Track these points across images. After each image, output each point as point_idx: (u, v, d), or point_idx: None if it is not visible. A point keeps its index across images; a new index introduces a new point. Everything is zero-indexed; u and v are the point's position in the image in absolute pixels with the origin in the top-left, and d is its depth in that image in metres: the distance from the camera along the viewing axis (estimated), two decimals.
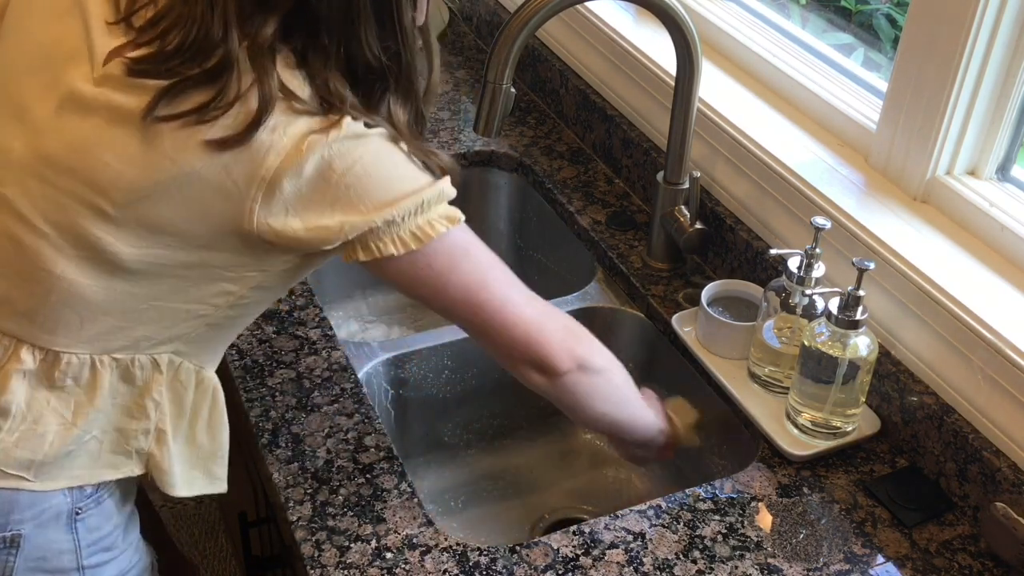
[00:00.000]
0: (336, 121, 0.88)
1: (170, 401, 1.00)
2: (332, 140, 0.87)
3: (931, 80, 1.14)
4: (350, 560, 1.00)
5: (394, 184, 0.90)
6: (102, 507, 1.02)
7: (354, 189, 0.88)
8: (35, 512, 0.97)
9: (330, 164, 0.87)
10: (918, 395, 1.11)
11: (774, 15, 1.49)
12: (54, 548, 1.00)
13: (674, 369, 1.34)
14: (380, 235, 0.90)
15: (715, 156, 1.39)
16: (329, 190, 0.88)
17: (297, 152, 0.86)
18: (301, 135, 0.86)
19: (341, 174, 0.87)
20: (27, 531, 0.98)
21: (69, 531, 1.00)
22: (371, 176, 0.89)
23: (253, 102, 0.85)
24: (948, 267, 1.11)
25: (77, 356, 0.94)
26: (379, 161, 0.90)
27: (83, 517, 1.01)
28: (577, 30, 1.67)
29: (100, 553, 1.04)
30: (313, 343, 1.26)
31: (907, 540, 1.05)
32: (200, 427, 1.04)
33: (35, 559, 0.99)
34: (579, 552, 1.02)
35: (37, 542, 0.99)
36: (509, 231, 1.72)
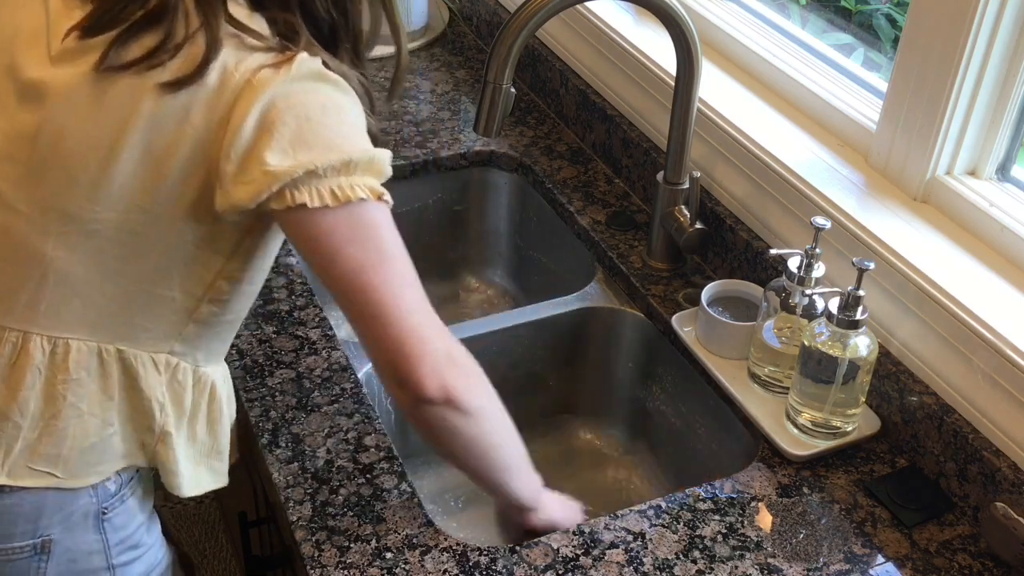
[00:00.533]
0: (290, 56, 0.86)
1: (171, 403, 1.01)
2: (284, 78, 0.85)
3: (931, 80, 1.14)
4: (350, 560, 1.00)
5: (330, 137, 0.87)
6: (126, 505, 1.03)
7: (290, 131, 0.85)
8: (64, 515, 0.98)
9: (274, 103, 0.85)
10: (918, 395, 1.11)
11: (774, 15, 1.49)
12: (83, 549, 1.00)
13: (674, 369, 1.34)
14: (298, 184, 0.85)
15: (715, 156, 1.39)
16: (268, 131, 0.85)
17: (249, 88, 0.85)
18: (253, 69, 0.85)
19: (282, 112, 0.85)
20: (56, 535, 0.98)
21: (97, 531, 1.01)
22: (311, 121, 0.86)
23: (202, 41, 0.86)
24: (948, 267, 1.11)
25: (85, 344, 0.95)
26: (323, 110, 0.87)
27: (109, 516, 1.01)
28: (577, 30, 1.67)
29: (128, 551, 1.04)
30: (313, 343, 1.26)
31: (907, 540, 1.05)
32: (200, 424, 1.04)
33: (65, 562, 1.00)
34: (579, 552, 1.02)
35: (67, 545, 0.99)
36: (509, 231, 1.72)
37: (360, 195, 0.87)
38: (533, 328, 1.39)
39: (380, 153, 0.89)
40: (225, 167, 0.87)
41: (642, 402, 1.42)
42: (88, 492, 0.99)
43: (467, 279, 1.75)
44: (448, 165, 1.64)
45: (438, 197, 1.66)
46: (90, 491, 0.99)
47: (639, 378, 1.42)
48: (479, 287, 1.75)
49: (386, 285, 0.88)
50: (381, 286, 0.88)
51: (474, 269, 1.76)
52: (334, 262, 0.88)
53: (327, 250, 0.88)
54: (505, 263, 1.74)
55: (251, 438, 1.14)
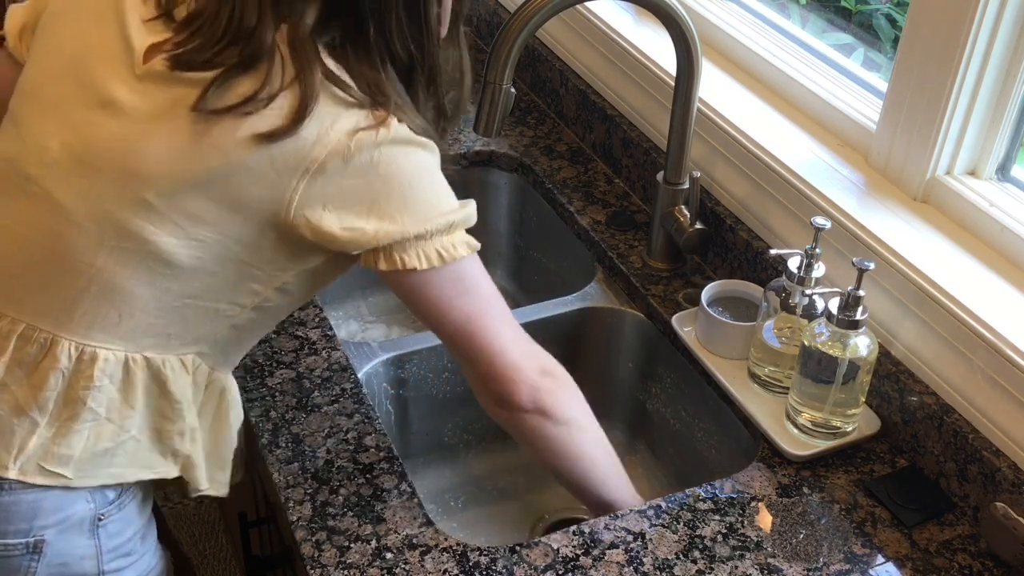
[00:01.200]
0: (384, 119, 0.89)
1: (193, 400, 1.01)
2: (381, 142, 0.89)
3: (931, 80, 1.14)
4: (350, 560, 1.00)
5: (431, 200, 0.93)
6: (124, 513, 1.03)
7: (395, 198, 0.90)
8: (59, 518, 0.98)
9: (376, 168, 0.89)
10: (918, 395, 1.11)
11: (774, 15, 1.49)
12: (76, 554, 1.00)
13: (674, 369, 1.34)
14: (407, 247, 0.92)
15: (715, 156, 1.39)
16: (369, 193, 0.89)
17: (345, 148, 0.88)
18: (350, 131, 0.88)
19: (385, 180, 0.89)
20: (50, 537, 0.98)
21: (91, 537, 1.01)
22: (413, 188, 0.91)
23: (298, 92, 0.87)
24: (948, 267, 1.11)
25: (113, 353, 0.95)
26: (421, 174, 0.92)
27: (105, 523, 1.01)
28: (577, 30, 1.67)
29: (120, 559, 1.04)
30: (313, 343, 1.26)
31: (907, 540, 1.05)
32: (205, 428, 1.04)
33: (56, 565, 1.00)
34: (579, 552, 1.02)
35: (59, 548, 0.99)
36: (509, 231, 1.72)
37: (463, 253, 0.95)
38: (533, 328, 1.38)
39: (471, 208, 0.97)
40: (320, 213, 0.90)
41: (642, 402, 1.42)
42: (86, 498, 0.99)
43: None
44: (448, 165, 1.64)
45: None
46: (88, 497, 0.99)
47: (639, 378, 1.42)
48: None
49: (490, 327, 0.98)
50: (486, 329, 0.98)
51: None
52: (445, 316, 0.97)
53: (437, 305, 0.96)
54: (505, 263, 1.74)
55: (251, 438, 1.14)
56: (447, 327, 0.98)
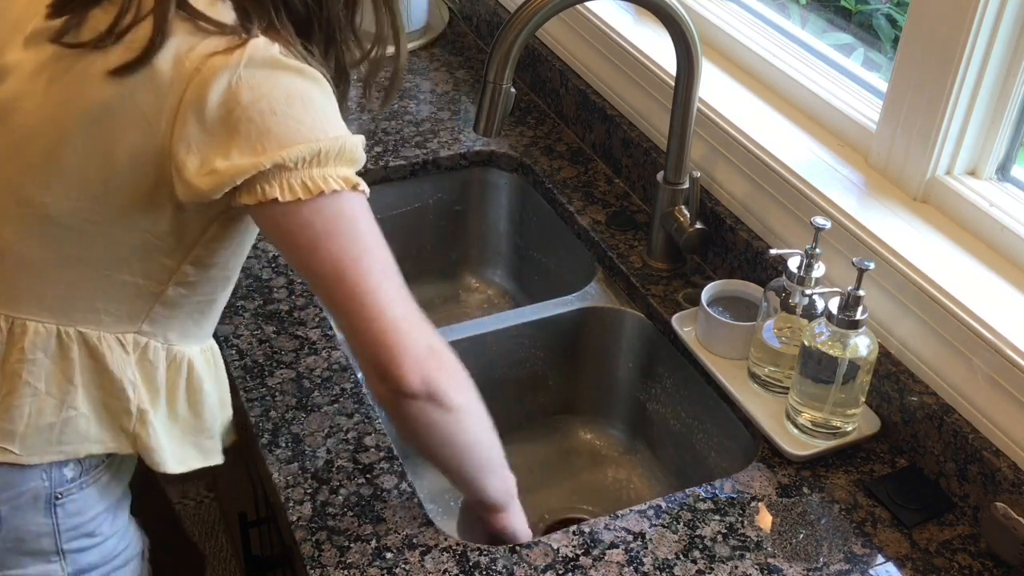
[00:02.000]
0: (243, 41, 0.84)
1: (143, 380, 0.99)
2: (237, 64, 0.83)
3: (931, 80, 1.14)
4: (350, 560, 1.00)
5: (298, 127, 0.84)
6: (85, 492, 1.02)
7: (255, 126, 0.83)
8: (11, 495, 0.98)
9: (236, 95, 0.83)
10: (918, 395, 1.11)
11: (774, 15, 1.49)
12: (32, 531, 1.00)
13: (674, 369, 1.34)
14: (268, 177, 0.84)
15: (715, 156, 1.39)
16: (230, 124, 0.83)
17: (200, 76, 0.83)
18: (204, 55, 0.83)
19: (245, 107, 0.83)
20: (3, 512, 0.98)
21: (48, 515, 1.00)
22: (276, 115, 0.84)
23: (149, 25, 0.84)
24: (948, 267, 1.11)
25: (43, 325, 0.94)
26: (291, 100, 0.84)
27: (63, 502, 1.00)
28: (577, 30, 1.67)
29: (82, 539, 1.03)
30: (313, 343, 1.26)
31: (907, 540, 1.05)
32: (180, 402, 1.04)
33: (13, 540, 1.00)
34: (579, 552, 1.02)
35: (14, 523, 0.99)
36: (509, 231, 1.72)
37: (333, 187, 0.85)
38: (533, 328, 1.39)
39: (351, 140, 0.87)
40: (184, 158, 0.85)
41: (642, 402, 1.42)
42: (40, 475, 0.98)
43: (467, 279, 1.75)
44: (448, 165, 1.64)
45: (438, 197, 1.66)
46: (42, 474, 0.98)
47: (639, 378, 1.42)
48: (479, 287, 1.75)
49: (366, 278, 0.87)
50: (361, 279, 0.86)
51: (474, 269, 1.75)
52: (312, 256, 0.87)
53: (303, 244, 0.87)
54: (505, 263, 1.74)
55: (251, 438, 1.14)
56: (316, 274, 0.87)
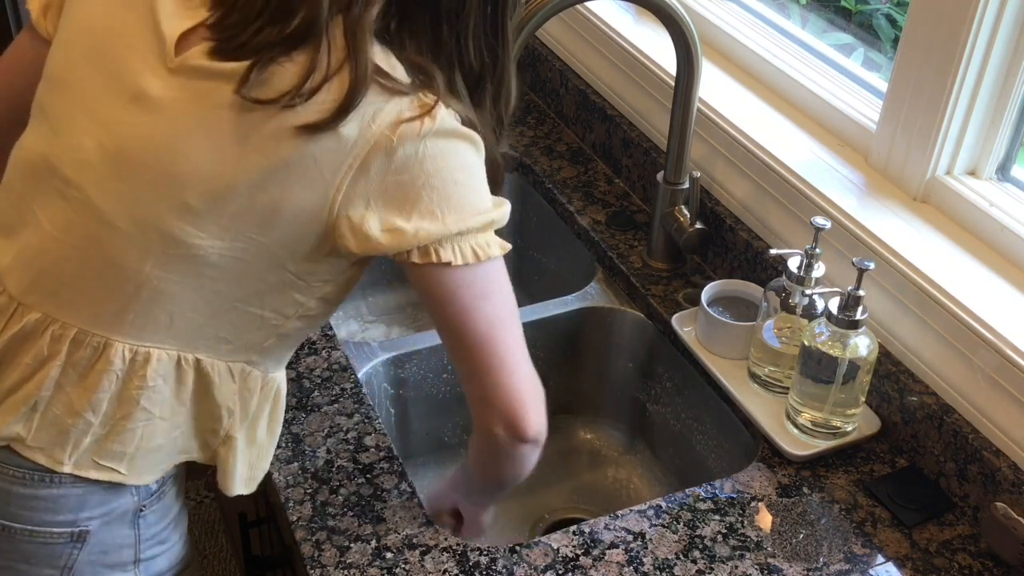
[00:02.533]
0: (429, 109, 0.85)
1: (240, 408, 1.00)
2: (426, 133, 0.84)
3: (931, 80, 1.14)
4: (350, 560, 1.00)
5: (473, 197, 0.89)
6: (163, 502, 1.03)
7: (439, 194, 0.86)
8: (104, 511, 0.99)
9: (421, 163, 0.85)
10: (918, 395, 1.11)
11: (774, 15, 1.49)
12: (116, 543, 1.01)
13: (674, 369, 1.34)
14: (443, 242, 0.88)
15: (715, 156, 1.39)
16: (413, 189, 0.85)
17: (388, 141, 0.84)
18: (392, 122, 0.83)
19: (429, 175, 0.85)
20: (94, 527, 0.99)
21: (133, 527, 1.01)
22: (457, 184, 0.87)
23: (346, 82, 0.82)
24: (948, 267, 1.11)
25: (167, 352, 0.94)
26: (465, 170, 0.88)
27: (145, 514, 1.02)
28: (577, 30, 1.67)
29: (156, 546, 1.05)
30: (313, 343, 1.26)
31: (907, 540, 1.05)
32: (261, 427, 1.04)
33: (97, 553, 1.01)
34: (579, 552, 1.02)
35: (102, 537, 1.00)
36: (509, 231, 1.70)
37: (496, 253, 0.93)
38: (533, 328, 1.38)
39: (506, 208, 0.95)
40: (363, 213, 0.86)
41: (642, 402, 1.42)
42: (131, 491, 0.99)
43: None
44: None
45: None
46: (133, 490, 0.99)
47: (639, 378, 1.42)
48: None
49: (511, 338, 0.94)
50: (507, 339, 0.94)
51: None
52: (468, 316, 0.92)
53: (462, 304, 0.92)
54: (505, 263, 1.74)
55: None
56: (468, 331, 0.93)
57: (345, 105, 0.82)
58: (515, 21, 0.93)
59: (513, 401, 0.94)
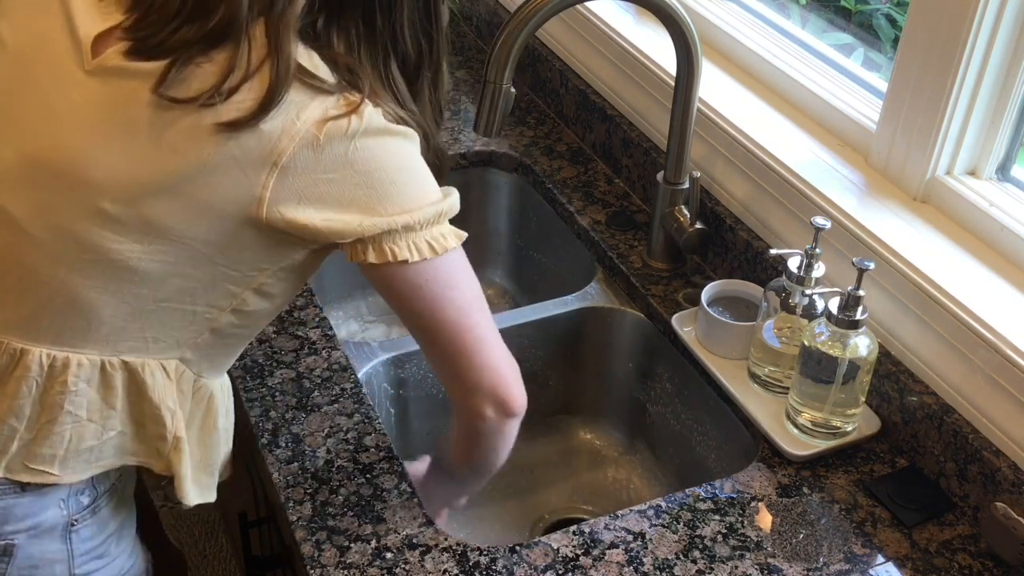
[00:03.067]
0: (356, 107, 0.84)
1: (180, 407, 0.99)
2: (354, 133, 0.83)
3: (931, 80, 1.14)
4: (350, 560, 1.00)
5: (415, 191, 0.88)
6: (97, 516, 1.02)
7: (377, 192, 0.86)
8: (29, 524, 0.97)
9: (352, 164, 0.84)
10: (918, 395, 1.11)
11: (774, 15, 1.49)
12: (47, 558, 0.99)
13: (674, 369, 1.34)
14: (396, 239, 0.88)
15: (715, 156, 1.39)
16: (348, 188, 0.85)
17: (313, 139, 0.82)
18: (318, 120, 0.82)
19: (364, 175, 0.85)
20: (20, 541, 0.97)
21: (64, 542, 1.00)
22: (395, 182, 0.87)
23: (267, 78, 0.81)
24: (948, 267, 1.11)
25: (87, 358, 0.92)
26: (404, 167, 0.88)
27: (77, 528, 1.00)
28: (577, 30, 1.67)
29: (93, 561, 1.03)
30: (313, 343, 1.26)
31: (907, 540, 1.05)
32: (193, 435, 1.02)
33: (27, 567, 0.99)
34: (579, 552, 1.02)
35: (30, 551, 0.98)
36: (509, 231, 1.72)
37: (453, 244, 0.92)
38: (533, 328, 1.39)
39: (455, 196, 0.93)
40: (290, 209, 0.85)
41: (642, 402, 1.42)
42: (58, 504, 0.98)
43: None
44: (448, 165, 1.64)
45: None
46: (60, 503, 0.98)
47: (639, 378, 1.42)
48: None
49: (483, 321, 0.96)
50: (480, 324, 0.95)
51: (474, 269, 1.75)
52: (439, 308, 0.93)
53: (430, 298, 0.92)
54: (505, 263, 1.74)
55: (251, 438, 1.14)
56: (439, 324, 0.94)
57: (266, 103, 0.81)
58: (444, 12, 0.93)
59: (498, 379, 0.97)
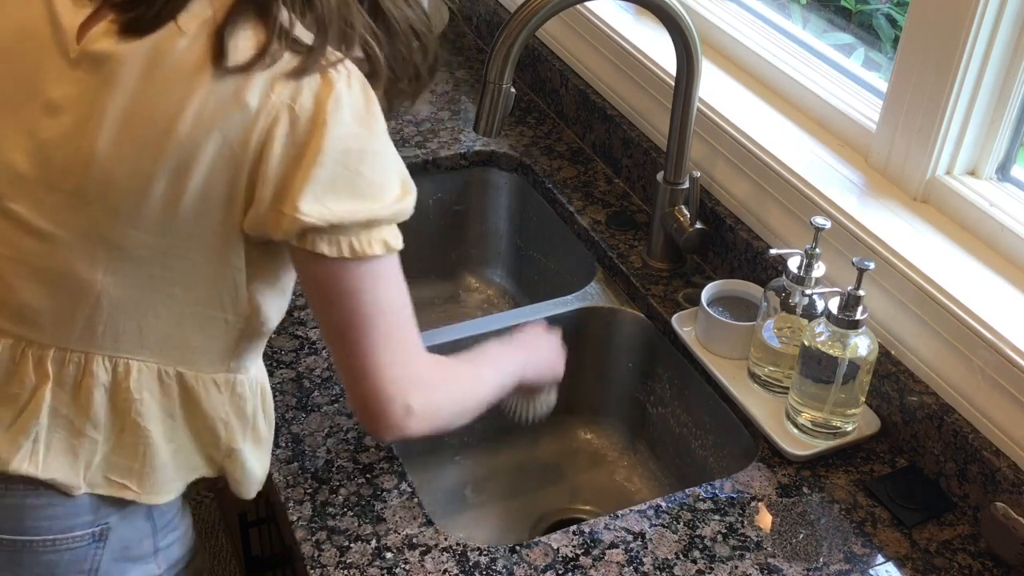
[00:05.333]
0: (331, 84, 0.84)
1: (235, 416, 1.00)
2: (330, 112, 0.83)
3: (931, 80, 1.14)
4: (350, 560, 1.00)
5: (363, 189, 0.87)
6: None
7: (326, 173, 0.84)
8: (120, 504, 0.99)
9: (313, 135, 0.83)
10: (918, 395, 1.11)
11: (774, 15, 1.49)
12: (136, 536, 1.02)
13: (674, 369, 1.34)
14: (321, 232, 0.86)
15: (715, 156, 1.39)
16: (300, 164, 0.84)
17: (290, 112, 0.83)
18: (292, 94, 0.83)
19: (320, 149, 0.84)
20: (114, 523, 0.99)
21: (148, 518, 1.02)
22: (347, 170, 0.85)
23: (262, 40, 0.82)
24: (948, 267, 1.11)
25: (146, 365, 0.94)
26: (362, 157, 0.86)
27: None
28: (577, 30, 1.67)
29: (170, 533, 1.06)
30: (313, 343, 1.26)
31: (907, 540, 1.05)
32: (260, 424, 1.04)
33: (120, 549, 1.01)
34: (579, 552, 1.02)
35: (121, 533, 1.00)
36: (509, 231, 1.72)
37: (376, 252, 0.88)
38: None
39: (406, 207, 0.90)
40: (262, 192, 0.85)
41: (642, 402, 1.42)
42: None
43: (467, 279, 1.75)
44: (448, 165, 1.64)
45: (438, 197, 1.66)
46: None
47: (639, 378, 1.42)
48: (479, 287, 1.75)
49: (368, 342, 0.91)
50: (363, 342, 0.91)
51: (474, 269, 1.76)
52: (330, 308, 0.91)
53: (327, 295, 0.90)
54: (505, 263, 1.74)
55: None
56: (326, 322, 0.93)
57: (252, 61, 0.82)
58: None
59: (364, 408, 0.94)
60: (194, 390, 0.97)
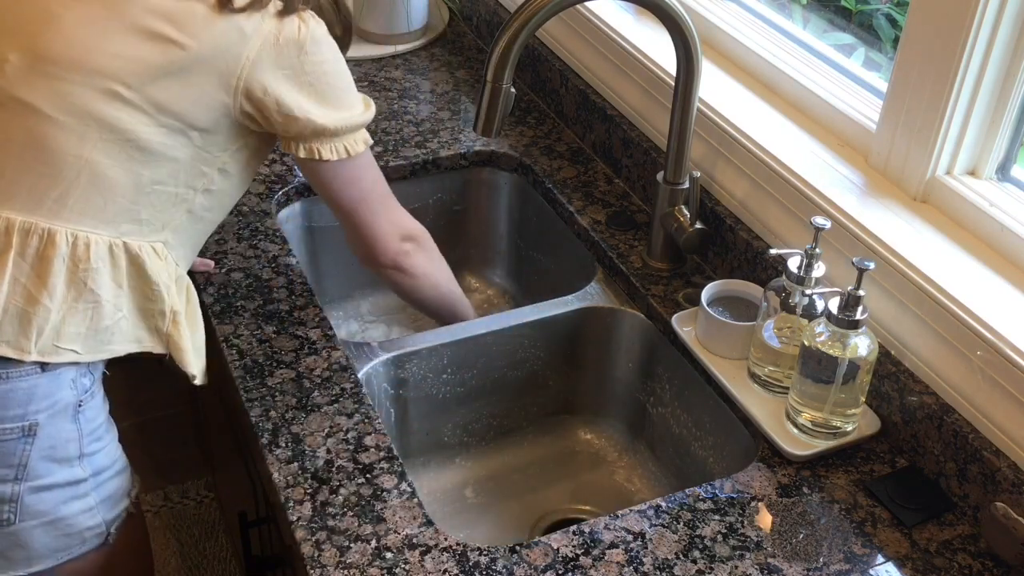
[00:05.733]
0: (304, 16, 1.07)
1: (175, 284, 1.14)
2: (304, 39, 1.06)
3: (931, 80, 1.14)
4: (350, 560, 1.00)
5: (346, 98, 1.13)
6: (95, 399, 1.16)
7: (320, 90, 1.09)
8: (49, 403, 1.08)
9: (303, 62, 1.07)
10: (918, 395, 1.11)
11: (774, 15, 1.49)
12: (62, 437, 1.11)
13: (674, 369, 1.34)
14: (323, 141, 1.12)
15: (715, 156, 1.39)
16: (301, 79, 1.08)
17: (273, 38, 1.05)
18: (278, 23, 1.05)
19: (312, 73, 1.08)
20: (42, 420, 1.08)
21: (74, 421, 1.11)
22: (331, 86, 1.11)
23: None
24: (948, 267, 1.11)
25: (100, 238, 1.07)
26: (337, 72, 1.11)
27: (83, 409, 1.14)
28: (577, 30, 1.67)
29: (95, 442, 1.15)
30: (313, 343, 1.26)
31: (907, 540, 1.05)
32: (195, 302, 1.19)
33: (47, 448, 1.10)
34: (579, 552, 1.02)
35: (49, 431, 1.09)
36: (509, 231, 1.72)
37: (361, 150, 1.16)
38: (533, 328, 1.39)
39: (371, 115, 1.17)
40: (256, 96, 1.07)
41: (642, 402, 1.42)
42: (70, 384, 1.10)
43: (467, 279, 1.75)
44: (448, 165, 1.64)
45: (438, 197, 1.66)
46: (71, 383, 1.10)
47: (639, 378, 1.42)
48: (479, 287, 1.75)
49: (370, 209, 1.22)
50: (367, 210, 1.22)
51: (474, 269, 1.76)
52: (339, 195, 1.20)
53: (334, 186, 1.19)
54: (505, 263, 1.74)
55: (251, 438, 1.14)
56: (336, 205, 1.21)
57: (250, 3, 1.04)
58: None
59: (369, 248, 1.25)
60: (138, 257, 1.10)
